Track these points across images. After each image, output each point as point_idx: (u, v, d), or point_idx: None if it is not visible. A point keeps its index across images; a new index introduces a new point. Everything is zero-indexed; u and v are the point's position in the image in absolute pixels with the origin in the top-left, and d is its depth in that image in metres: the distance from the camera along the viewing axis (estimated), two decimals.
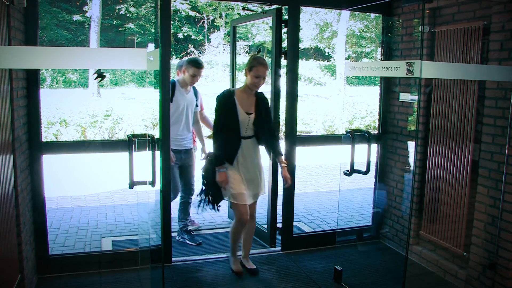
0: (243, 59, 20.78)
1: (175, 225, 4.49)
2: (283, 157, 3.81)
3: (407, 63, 2.83)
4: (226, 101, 3.64)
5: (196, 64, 4.29)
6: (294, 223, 4.50)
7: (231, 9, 24.31)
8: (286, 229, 4.39)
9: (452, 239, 3.82)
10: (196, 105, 4.54)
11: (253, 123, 3.68)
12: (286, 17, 4.14)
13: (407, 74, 2.83)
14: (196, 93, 4.55)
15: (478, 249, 3.54)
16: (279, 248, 4.39)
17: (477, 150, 3.55)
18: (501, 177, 3.30)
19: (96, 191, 6.63)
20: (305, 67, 24.48)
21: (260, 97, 3.75)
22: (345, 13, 17.91)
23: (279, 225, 4.40)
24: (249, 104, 3.69)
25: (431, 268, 4.01)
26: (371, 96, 15.22)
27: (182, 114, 4.35)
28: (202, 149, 4.68)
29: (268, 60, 3.88)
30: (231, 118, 3.63)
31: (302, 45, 22.48)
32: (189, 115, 4.42)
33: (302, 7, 5.16)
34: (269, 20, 4.21)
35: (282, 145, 4.07)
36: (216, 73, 22.66)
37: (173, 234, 4.19)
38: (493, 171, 3.39)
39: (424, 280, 3.89)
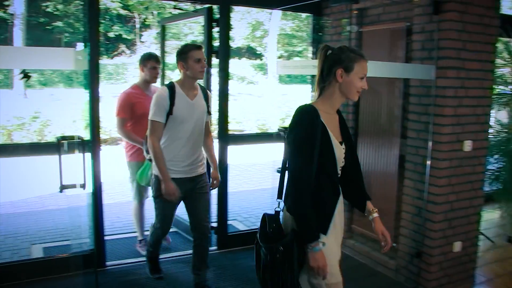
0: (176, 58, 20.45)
1: (108, 228, 4.35)
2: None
3: None
4: (315, 127, 2.11)
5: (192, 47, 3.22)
6: (229, 222, 4.51)
7: (163, 7, 23.93)
8: (221, 228, 4.38)
9: None
10: (209, 113, 3.35)
11: (343, 158, 2.27)
12: (218, 16, 4.13)
13: None
14: (206, 96, 3.31)
15: (406, 239, 3.72)
16: (215, 248, 4.37)
17: (404, 145, 3.72)
18: (425, 170, 3.50)
19: (24, 196, 6.30)
20: (238, 66, 24.55)
21: (341, 115, 2.33)
22: (277, 13, 18.14)
23: (214, 224, 4.39)
24: (335, 126, 2.25)
25: (363, 260, 4.15)
26: (303, 94, 15.50)
27: (188, 130, 3.16)
28: (212, 172, 3.46)
29: None
30: (326, 153, 2.15)
31: (234, 44, 22.53)
32: (201, 129, 3.27)
33: (234, 7, 5.17)
34: (202, 20, 4.15)
35: (216, 144, 3.99)
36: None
37: (106, 238, 4.07)
38: (418, 164, 3.57)
39: (357, 271, 4.02)
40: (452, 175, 3.47)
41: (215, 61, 4.15)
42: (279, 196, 2.30)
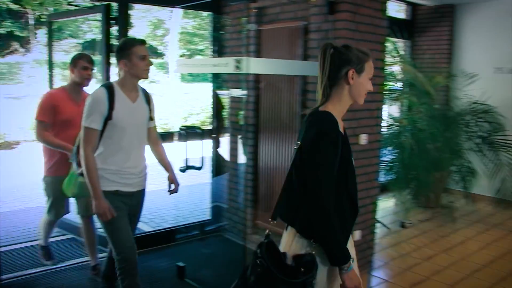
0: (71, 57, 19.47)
1: (4, 238, 4.00)
2: None
3: (235, 59, 2.91)
4: (339, 137, 1.91)
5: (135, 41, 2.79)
6: None
7: (59, 3, 22.60)
8: None
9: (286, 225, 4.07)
10: (151, 118, 2.98)
11: None
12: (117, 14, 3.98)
13: (235, 70, 2.93)
14: (148, 99, 2.94)
15: None
16: None
17: None
18: None
19: None
20: None
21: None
22: (178, 11, 17.91)
23: None
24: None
25: None
26: (205, 93, 15.49)
27: (131, 138, 2.78)
28: (170, 176, 3.14)
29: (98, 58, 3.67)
30: (346, 168, 1.95)
31: None
32: (144, 136, 2.92)
33: (134, 4, 5.01)
34: (100, 17, 3.96)
35: None
36: (46, 72, 20.88)
37: (1, 249, 3.74)
38: None
39: None
40: None
41: (113, 60, 4.00)
42: (279, 217, 2.07)
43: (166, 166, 3.11)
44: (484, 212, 5.90)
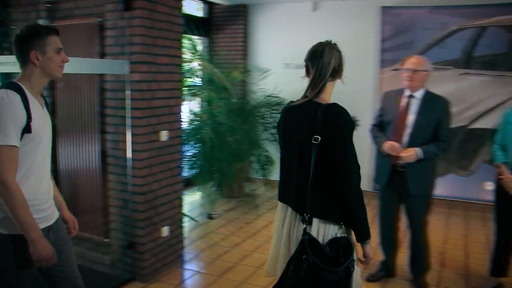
0: None
1: None
2: None
3: None
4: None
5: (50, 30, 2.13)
6: None
7: None
8: None
9: (94, 229, 3.89)
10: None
11: None
12: None
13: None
14: (47, 104, 2.30)
15: (117, 233, 3.73)
16: None
17: (104, 140, 3.71)
18: (126, 163, 3.57)
19: None
20: None
21: None
22: None
23: None
24: None
25: (79, 261, 3.96)
26: None
27: (45, 154, 2.19)
28: (66, 215, 2.43)
29: None
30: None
31: None
32: (50, 150, 2.28)
33: None
34: None
35: None
36: None
37: None
38: (119, 158, 3.62)
39: None
40: (153, 165, 3.63)
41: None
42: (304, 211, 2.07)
43: (59, 197, 2.45)
44: None
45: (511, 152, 3.31)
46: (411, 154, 3.28)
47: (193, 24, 6.54)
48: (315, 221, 2.06)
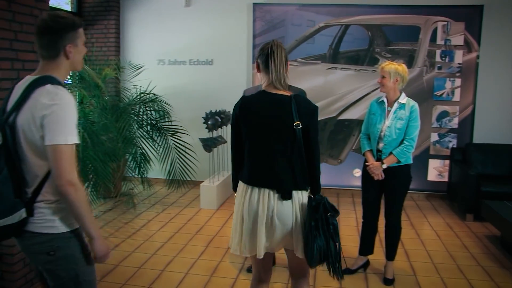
0: None
1: None
2: None
3: None
4: None
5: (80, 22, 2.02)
6: None
7: None
8: None
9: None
10: None
11: None
12: None
13: None
14: None
15: None
16: None
17: None
18: None
19: None
20: None
21: None
22: None
23: None
24: None
25: None
26: None
27: None
28: None
29: None
30: None
31: None
32: None
33: None
34: None
35: None
36: None
37: None
38: None
39: None
40: None
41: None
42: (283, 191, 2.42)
43: None
44: (160, 194, 6.45)
45: (375, 140, 3.66)
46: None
47: None
48: (294, 192, 2.42)
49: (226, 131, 6.24)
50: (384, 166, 3.60)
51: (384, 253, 3.99)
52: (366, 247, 3.96)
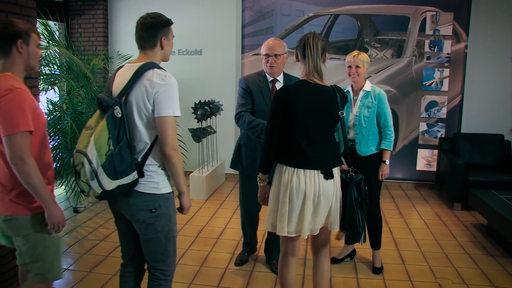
0: None
1: None
2: None
3: None
4: None
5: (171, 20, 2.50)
6: None
7: None
8: None
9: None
10: None
11: None
12: None
13: None
14: None
15: None
16: None
17: None
18: None
19: None
20: None
21: None
22: None
23: None
24: None
25: None
26: None
27: None
28: None
29: None
30: None
31: None
32: None
33: None
34: None
35: None
36: None
37: None
38: None
39: None
40: None
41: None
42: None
43: None
44: None
45: (345, 131, 3.57)
46: None
47: (48, 8, 6.12)
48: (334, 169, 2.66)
49: (215, 121, 6.24)
50: (388, 163, 3.62)
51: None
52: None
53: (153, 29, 2.33)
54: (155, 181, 2.30)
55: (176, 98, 2.25)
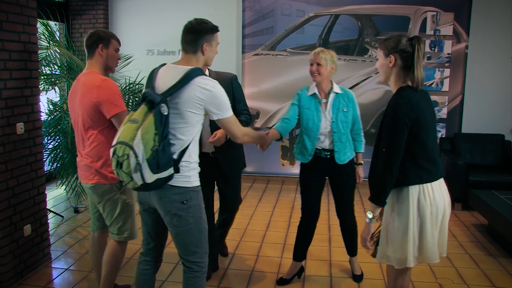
0: None
1: None
2: None
3: None
4: None
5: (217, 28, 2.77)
6: None
7: None
8: None
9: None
10: None
11: None
12: None
13: None
14: None
15: None
16: None
17: None
18: None
19: None
20: None
21: None
22: None
23: None
24: None
25: None
26: None
27: None
28: None
29: None
30: None
31: None
32: None
33: None
34: None
35: None
36: None
37: None
38: None
39: None
40: (8, 160, 3.38)
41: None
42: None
43: None
44: None
45: (316, 138, 3.37)
46: (218, 137, 3.16)
47: (48, 8, 6.12)
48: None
49: None
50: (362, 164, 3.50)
51: (346, 251, 3.73)
52: (302, 252, 3.63)
53: (196, 35, 2.48)
54: (187, 175, 2.40)
55: (228, 101, 2.45)
